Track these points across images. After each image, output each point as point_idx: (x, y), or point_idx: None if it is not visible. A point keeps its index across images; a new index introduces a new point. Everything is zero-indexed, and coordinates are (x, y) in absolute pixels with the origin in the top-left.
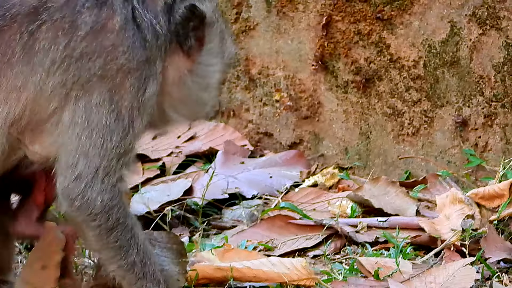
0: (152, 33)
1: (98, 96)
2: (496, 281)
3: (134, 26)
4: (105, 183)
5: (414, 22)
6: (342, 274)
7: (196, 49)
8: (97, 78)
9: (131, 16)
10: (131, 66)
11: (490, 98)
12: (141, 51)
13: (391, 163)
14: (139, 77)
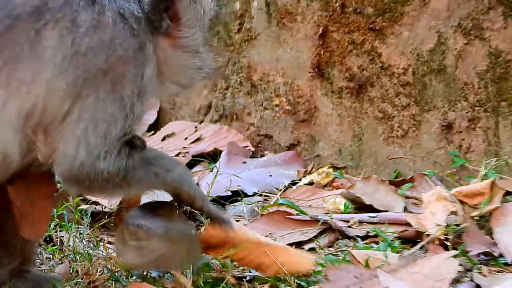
0: (135, 21)
1: (103, 90)
2: (476, 272)
3: (121, 17)
4: (107, 159)
5: (404, 32)
6: (335, 265)
7: (174, 26)
8: (102, 72)
9: (117, 8)
10: (129, 55)
11: (473, 103)
12: (133, 40)
13: (381, 163)
14: (136, 64)
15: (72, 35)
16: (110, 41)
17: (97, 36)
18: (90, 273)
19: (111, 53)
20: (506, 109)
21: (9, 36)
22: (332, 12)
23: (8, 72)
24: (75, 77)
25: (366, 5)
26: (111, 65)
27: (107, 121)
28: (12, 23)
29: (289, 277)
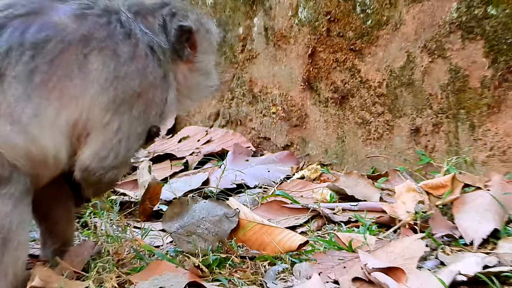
0: (161, 52)
1: (136, 110)
2: (440, 251)
3: (151, 49)
4: (118, 169)
5: (379, 52)
6: (323, 246)
7: (192, 53)
8: (137, 94)
9: (147, 42)
10: (156, 82)
11: (437, 111)
12: (159, 69)
13: (360, 161)
14: (162, 90)
15: (114, 62)
16: (143, 69)
17: (133, 65)
18: (119, 252)
19: (144, 79)
20: (464, 116)
21: (62, 58)
22: (319, 36)
23: (61, 88)
24: (115, 95)
25: (348, 30)
26: (143, 89)
27: (135, 137)
28: (64, 47)
29: (284, 255)
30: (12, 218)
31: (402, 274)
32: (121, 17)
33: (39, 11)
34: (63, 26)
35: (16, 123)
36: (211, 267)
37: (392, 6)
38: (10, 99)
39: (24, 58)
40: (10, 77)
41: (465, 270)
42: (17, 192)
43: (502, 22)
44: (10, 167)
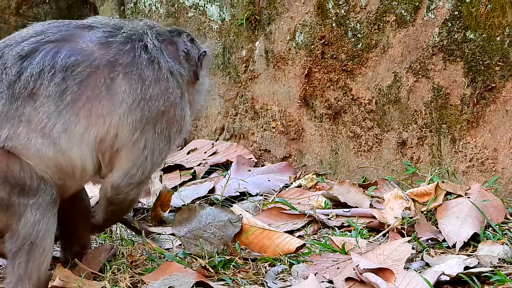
0: (180, 76)
1: (159, 127)
2: (425, 253)
3: (171, 74)
4: (141, 186)
5: (369, 72)
6: (319, 249)
7: (199, 74)
8: (161, 113)
9: (168, 67)
10: (176, 102)
11: (421, 125)
12: (178, 90)
13: (352, 171)
14: (181, 108)
15: (139, 84)
16: (165, 91)
17: (157, 87)
18: (132, 254)
19: (166, 99)
20: (446, 130)
21: (91, 80)
22: (315, 58)
23: (90, 107)
24: (142, 115)
25: (340, 52)
26: (166, 108)
27: (158, 153)
28: (93, 71)
29: (283, 257)
30: (40, 227)
31: (391, 274)
32: (146, 43)
33: (68, 38)
34: (90, 52)
35: (47, 137)
36: (217, 268)
37: (380, 31)
38: (43, 115)
39: (55, 80)
40: (43, 96)
41: (448, 270)
42: (44, 202)
43: (479, 46)
44: (38, 179)
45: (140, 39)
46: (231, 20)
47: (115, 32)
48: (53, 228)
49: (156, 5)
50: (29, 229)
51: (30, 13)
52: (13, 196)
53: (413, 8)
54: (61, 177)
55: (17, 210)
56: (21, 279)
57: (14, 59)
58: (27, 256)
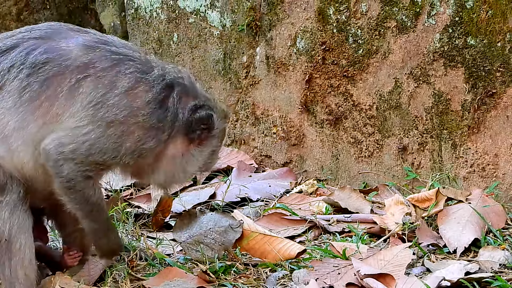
0: (173, 116)
1: (113, 131)
2: (426, 259)
3: (160, 106)
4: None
5: (370, 78)
6: (319, 254)
7: (195, 143)
8: (118, 121)
9: (161, 100)
10: (144, 125)
11: (422, 131)
12: (156, 121)
13: (353, 177)
14: (145, 134)
15: (106, 90)
16: (136, 109)
17: (127, 99)
18: (133, 260)
19: (132, 115)
20: (446, 136)
21: (55, 80)
22: (316, 64)
23: (48, 106)
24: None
25: (341, 58)
26: (127, 121)
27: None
28: (60, 71)
29: (284, 262)
30: (11, 225)
31: (392, 280)
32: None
33: (51, 36)
34: (67, 52)
35: (0, 135)
36: (218, 273)
37: (381, 36)
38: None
39: (20, 75)
40: (5, 91)
41: (449, 276)
42: (12, 201)
43: (480, 51)
44: (5, 178)
45: (151, 66)
46: (232, 26)
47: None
48: (27, 224)
49: (157, 11)
50: (1, 227)
51: (31, 19)
52: None
53: (414, 14)
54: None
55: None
56: (10, 281)
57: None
58: (7, 255)
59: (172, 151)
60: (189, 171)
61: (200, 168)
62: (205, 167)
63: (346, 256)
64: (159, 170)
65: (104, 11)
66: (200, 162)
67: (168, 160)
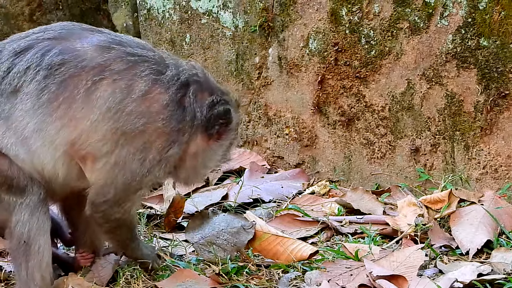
0: (192, 116)
1: (135, 146)
2: (439, 260)
3: (178, 106)
4: (121, 206)
5: (382, 79)
6: (332, 255)
7: (214, 138)
8: (139, 131)
9: (178, 100)
10: (165, 131)
11: (435, 132)
12: (176, 124)
13: (366, 178)
14: (167, 140)
15: (123, 95)
16: (154, 114)
17: (144, 105)
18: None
19: (151, 122)
20: (459, 137)
21: (72, 81)
22: (328, 64)
23: (65, 108)
24: (115, 127)
25: (354, 59)
26: (147, 130)
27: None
28: (76, 72)
29: (296, 263)
30: (30, 226)
31: (404, 281)
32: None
33: (65, 37)
34: (82, 53)
35: (19, 136)
36: (230, 274)
37: (393, 38)
38: (18, 113)
39: (37, 77)
40: (23, 94)
41: (461, 277)
42: (32, 203)
43: (493, 53)
44: (26, 179)
45: (165, 65)
46: (245, 27)
47: (129, 44)
48: (46, 226)
49: (170, 11)
50: (21, 228)
51: (44, 20)
52: (2, 193)
53: (426, 15)
54: (41, 179)
55: (7, 207)
56: (26, 282)
57: (9, 55)
58: (25, 256)
59: (193, 149)
60: (210, 166)
61: (219, 161)
62: (223, 159)
63: (358, 258)
64: (181, 169)
65: (117, 11)
66: (220, 155)
67: (190, 158)
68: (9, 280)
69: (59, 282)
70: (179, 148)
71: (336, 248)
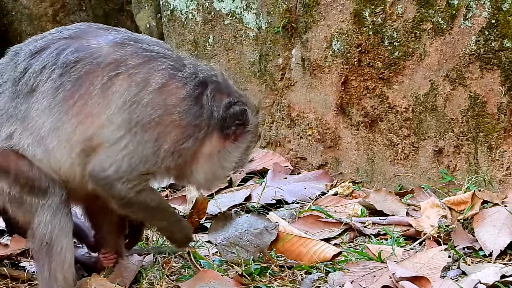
0: (209, 114)
1: (149, 136)
2: (462, 262)
3: (195, 102)
4: (124, 184)
5: (405, 81)
6: (355, 257)
7: (230, 139)
8: (154, 123)
9: (195, 96)
10: (181, 123)
11: (458, 134)
12: (193, 119)
13: (389, 179)
14: (183, 132)
15: (139, 88)
16: (171, 106)
17: (161, 97)
18: (168, 262)
19: (168, 114)
20: (483, 138)
21: (87, 78)
22: (351, 66)
23: (81, 105)
24: (131, 117)
25: (377, 60)
26: (163, 122)
27: (139, 159)
28: (92, 68)
29: (319, 265)
30: (52, 227)
31: (427, 283)
32: (183, 61)
33: (81, 35)
34: (97, 50)
35: (35, 136)
36: (253, 275)
37: (417, 39)
38: (34, 113)
39: (52, 76)
40: (39, 93)
41: (485, 279)
42: (54, 204)
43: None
44: (47, 181)
45: (183, 63)
46: (268, 28)
47: (145, 41)
48: (68, 227)
49: (193, 12)
50: (43, 229)
51: (67, 21)
52: (24, 194)
53: (450, 17)
54: (60, 179)
55: (29, 209)
56: (48, 283)
57: (25, 56)
58: (47, 257)
59: (208, 149)
60: (227, 167)
61: (237, 163)
62: (241, 162)
63: (381, 259)
64: (198, 170)
65: (140, 12)
66: (236, 157)
67: (206, 159)
68: (32, 280)
69: (82, 283)
70: (193, 143)
71: (359, 249)
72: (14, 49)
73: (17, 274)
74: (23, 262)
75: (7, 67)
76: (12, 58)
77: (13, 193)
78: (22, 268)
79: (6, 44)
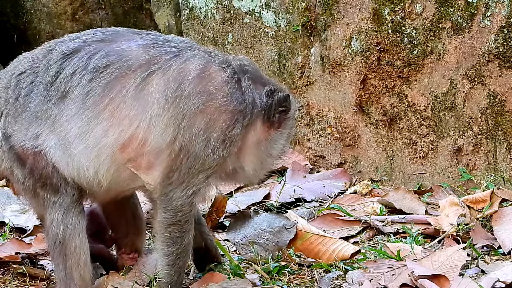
0: (251, 102)
1: (197, 127)
2: (481, 260)
3: (237, 87)
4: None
5: (424, 79)
6: (373, 255)
7: (275, 127)
8: (199, 111)
9: (236, 80)
10: (227, 108)
11: (477, 132)
12: (238, 103)
13: (408, 178)
14: (231, 118)
15: (178, 82)
16: (214, 91)
17: (201, 84)
18: None
19: (211, 99)
20: (501, 137)
21: (118, 82)
22: (371, 64)
23: (113, 109)
24: (176, 113)
25: (396, 59)
26: (208, 109)
27: (194, 159)
28: (123, 72)
29: (338, 263)
30: (64, 227)
31: (446, 281)
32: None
33: (113, 39)
34: (127, 53)
35: (61, 140)
36: (272, 273)
37: (436, 37)
38: (64, 118)
39: (82, 81)
40: (69, 99)
41: (503, 277)
42: (65, 203)
43: None
44: (59, 180)
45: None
46: (287, 26)
47: (173, 40)
48: (80, 226)
49: (212, 11)
50: (55, 228)
51: (86, 19)
52: (37, 188)
53: (469, 15)
54: (78, 183)
55: (42, 202)
56: (65, 282)
57: (58, 57)
58: (62, 256)
59: (255, 138)
60: (274, 155)
61: (282, 150)
62: (284, 149)
63: (400, 257)
64: (246, 161)
65: (159, 11)
66: (282, 144)
67: (254, 148)
68: (51, 279)
69: (100, 281)
70: (241, 130)
71: (378, 248)
72: (48, 45)
73: (36, 273)
74: (42, 260)
75: (40, 65)
76: (46, 55)
77: (27, 184)
78: (41, 266)
79: (25, 42)
